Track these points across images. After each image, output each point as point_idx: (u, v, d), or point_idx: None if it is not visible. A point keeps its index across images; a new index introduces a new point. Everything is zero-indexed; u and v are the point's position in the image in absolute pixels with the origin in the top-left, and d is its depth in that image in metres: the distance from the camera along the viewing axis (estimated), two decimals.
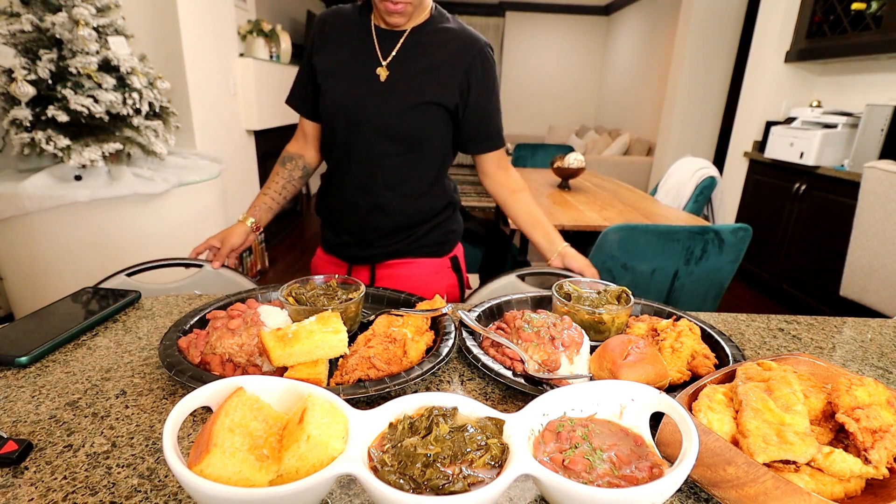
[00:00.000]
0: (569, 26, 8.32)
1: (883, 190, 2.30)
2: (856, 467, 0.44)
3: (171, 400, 0.59)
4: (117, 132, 1.97)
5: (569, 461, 0.43)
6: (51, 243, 1.91)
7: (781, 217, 3.17)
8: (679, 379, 0.64)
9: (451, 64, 1.02)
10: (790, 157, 3.04)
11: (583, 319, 0.74)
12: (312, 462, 0.39)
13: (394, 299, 0.83)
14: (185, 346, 0.65)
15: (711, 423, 0.49)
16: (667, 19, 5.78)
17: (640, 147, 5.91)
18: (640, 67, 6.74)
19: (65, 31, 1.83)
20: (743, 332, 0.82)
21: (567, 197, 2.57)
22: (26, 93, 1.76)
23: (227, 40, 3.04)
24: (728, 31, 4.63)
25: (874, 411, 0.47)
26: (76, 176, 1.94)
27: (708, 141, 4.95)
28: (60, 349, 0.69)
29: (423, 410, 0.46)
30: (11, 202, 1.80)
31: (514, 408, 0.60)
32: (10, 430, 0.53)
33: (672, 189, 2.67)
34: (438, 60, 1.02)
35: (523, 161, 4.03)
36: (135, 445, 0.51)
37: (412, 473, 0.40)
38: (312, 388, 0.46)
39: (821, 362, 0.59)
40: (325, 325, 0.62)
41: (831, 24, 3.00)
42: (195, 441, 0.43)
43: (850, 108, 3.01)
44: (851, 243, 2.48)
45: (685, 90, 4.76)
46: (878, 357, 0.76)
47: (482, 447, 0.42)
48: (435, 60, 1.02)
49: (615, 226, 1.51)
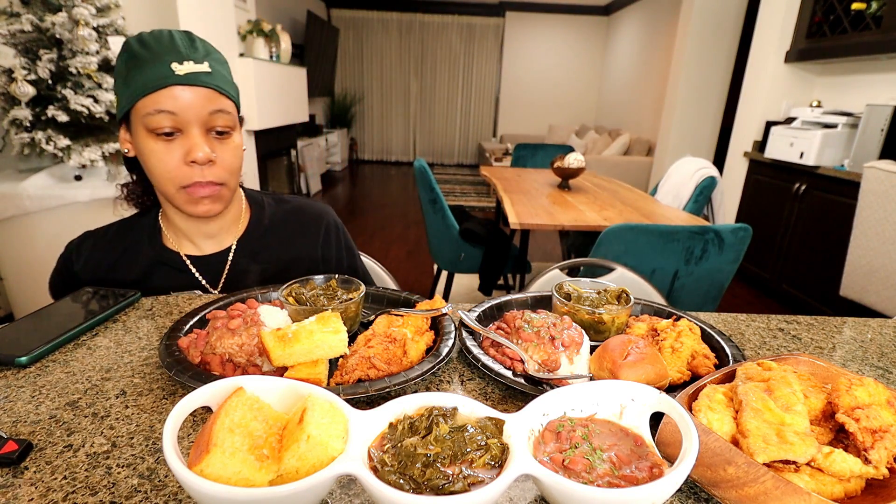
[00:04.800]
0: (569, 26, 8.32)
1: (883, 190, 2.30)
2: (856, 467, 0.44)
3: (171, 400, 0.59)
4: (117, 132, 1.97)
5: (569, 461, 0.43)
6: (51, 243, 1.91)
7: (781, 217, 3.17)
8: (679, 379, 0.64)
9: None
10: (790, 157, 3.04)
11: (583, 319, 0.74)
12: (312, 462, 0.39)
13: (394, 299, 0.83)
14: (185, 346, 0.65)
15: (711, 423, 0.49)
16: (667, 19, 5.78)
17: (640, 147, 5.91)
18: (640, 67, 6.74)
19: (65, 31, 1.83)
20: (743, 332, 0.82)
21: (567, 197, 2.57)
22: (26, 93, 1.76)
23: (227, 40, 3.04)
24: (728, 31, 4.63)
25: (874, 411, 0.47)
26: (76, 176, 1.94)
27: (708, 141, 4.95)
28: (60, 349, 0.69)
29: (423, 410, 0.46)
30: (11, 202, 1.80)
31: (514, 408, 0.60)
32: (10, 430, 0.53)
33: (672, 189, 2.67)
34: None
35: (523, 161, 4.03)
36: (135, 445, 0.51)
37: (412, 473, 0.40)
38: (312, 388, 0.46)
39: (821, 362, 0.59)
40: (325, 325, 0.62)
41: (831, 24, 3.00)
42: (195, 441, 0.43)
43: (850, 108, 3.01)
44: (851, 243, 2.48)
45: (685, 90, 4.76)
46: (878, 357, 0.76)
47: (482, 447, 0.42)
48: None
49: (615, 226, 1.51)
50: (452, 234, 2.60)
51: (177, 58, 0.75)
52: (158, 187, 0.83)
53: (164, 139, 0.77)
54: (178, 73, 0.75)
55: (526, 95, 8.82)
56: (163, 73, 0.74)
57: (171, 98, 0.75)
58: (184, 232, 0.91)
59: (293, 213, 0.99)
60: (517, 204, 2.33)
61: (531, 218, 2.09)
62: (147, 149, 0.78)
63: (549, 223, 2.05)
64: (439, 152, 9.28)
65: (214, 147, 0.80)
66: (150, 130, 0.76)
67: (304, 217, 0.99)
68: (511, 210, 2.20)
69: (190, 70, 0.76)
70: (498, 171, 3.36)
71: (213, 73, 0.79)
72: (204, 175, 0.80)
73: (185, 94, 0.75)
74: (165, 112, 0.75)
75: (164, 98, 0.75)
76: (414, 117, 9.07)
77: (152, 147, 0.77)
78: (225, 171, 0.82)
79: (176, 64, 0.75)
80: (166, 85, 0.74)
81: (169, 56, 0.75)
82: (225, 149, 0.82)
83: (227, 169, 0.83)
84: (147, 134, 0.77)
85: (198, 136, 0.78)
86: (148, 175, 0.83)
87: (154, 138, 0.77)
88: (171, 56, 0.75)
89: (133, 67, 0.75)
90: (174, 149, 0.78)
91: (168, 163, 0.78)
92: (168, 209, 0.90)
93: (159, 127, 0.76)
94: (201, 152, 0.77)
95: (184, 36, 0.79)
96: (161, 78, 0.74)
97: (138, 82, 0.75)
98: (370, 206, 5.88)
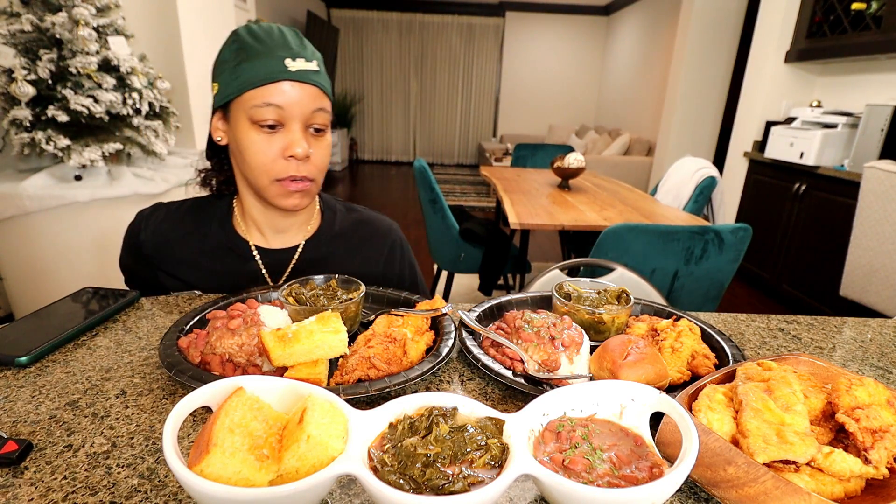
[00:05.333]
0: (569, 26, 8.32)
1: (883, 190, 2.30)
2: (856, 467, 0.44)
3: (171, 400, 0.59)
4: (117, 132, 1.97)
5: (569, 461, 0.43)
6: (51, 243, 1.91)
7: (781, 217, 3.17)
8: (679, 379, 0.64)
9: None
10: (790, 157, 3.04)
11: (583, 319, 0.74)
12: (312, 462, 0.39)
13: (394, 299, 0.83)
14: (185, 346, 0.65)
15: (711, 423, 0.49)
16: (667, 19, 5.78)
17: (640, 147, 5.91)
18: (640, 67, 6.74)
19: (65, 31, 1.83)
20: (743, 332, 0.82)
21: (567, 197, 2.57)
22: (26, 93, 1.76)
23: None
24: (728, 31, 4.63)
25: (874, 411, 0.47)
26: (76, 176, 1.94)
27: (708, 141, 4.95)
28: (60, 349, 0.69)
29: (423, 410, 0.46)
30: (11, 202, 1.80)
31: (514, 408, 0.60)
32: (10, 430, 0.53)
33: (672, 189, 2.67)
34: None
35: (523, 161, 4.03)
36: (135, 445, 0.51)
37: (412, 473, 0.40)
38: (312, 388, 0.46)
39: (821, 362, 0.59)
40: (325, 325, 0.62)
41: (831, 24, 3.00)
42: (195, 441, 0.43)
43: (850, 108, 3.01)
44: (851, 243, 2.48)
45: (685, 90, 4.76)
46: (878, 357, 0.76)
47: (482, 447, 0.42)
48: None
49: (615, 226, 1.51)
50: (452, 234, 2.60)
51: (289, 54, 0.77)
52: (250, 177, 0.84)
53: (267, 131, 0.79)
54: (291, 69, 0.77)
55: (526, 95, 8.82)
56: (276, 68, 0.76)
57: (280, 93, 0.76)
58: (256, 222, 0.92)
59: (361, 224, 1.00)
60: (517, 204, 2.33)
61: (531, 218, 2.09)
62: (247, 139, 0.79)
63: (549, 223, 2.05)
64: (439, 152, 9.28)
65: (311, 143, 0.82)
66: (254, 121, 0.78)
67: (371, 229, 1.00)
68: (511, 210, 2.20)
69: (301, 67, 0.78)
70: (498, 171, 3.36)
71: (320, 72, 0.81)
72: (299, 170, 0.81)
73: (295, 90, 0.77)
74: (273, 105, 0.77)
75: (273, 92, 0.76)
76: (414, 117, 9.07)
77: (253, 138, 0.79)
78: (316, 168, 0.84)
79: (289, 60, 0.77)
80: (278, 79, 0.76)
81: (282, 52, 0.77)
82: (319, 146, 0.83)
83: (318, 166, 0.84)
84: (250, 125, 0.78)
85: (298, 132, 0.79)
86: (240, 164, 0.84)
87: (257, 129, 0.78)
88: (284, 52, 0.77)
89: (244, 59, 0.77)
90: (274, 142, 0.79)
91: (267, 154, 0.79)
92: (247, 198, 0.90)
93: (264, 119, 0.77)
94: (300, 148, 0.79)
95: (293, 33, 0.81)
96: (274, 72, 0.76)
97: (249, 74, 0.76)
98: (370, 206, 5.84)
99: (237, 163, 0.86)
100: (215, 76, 0.82)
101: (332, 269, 0.92)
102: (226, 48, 0.80)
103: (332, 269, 0.92)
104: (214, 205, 0.95)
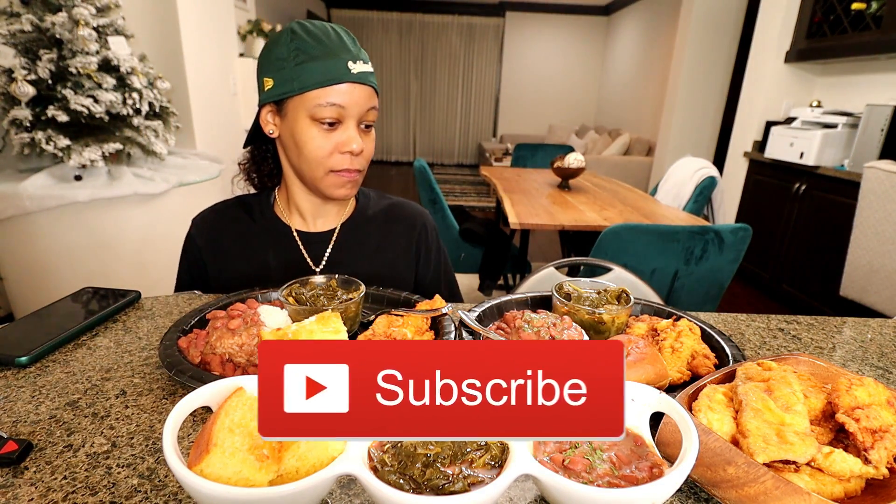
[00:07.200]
0: (569, 26, 8.32)
1: (883, 190, 2.30)
2: (856, 467, 0.44)
3: (171, 400, 0.59)
4: (117, 132, 1.97)
5: (569, 461, 0.43)
6: (51, 243, 1.91)
7: (781, 217, 3.17)
8: (679, 379, 0.64)
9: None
10: (790, 157, 3.04)
11: (583, 319, 0.74)
12: (312, 462, 0.39)
13: (394, 299, 0.83)
14: (185, 346, 0.65)
15: (711, 423, 0.49)
16: (667, 19, 5.78)
17: (640, 147, 5.91)
18: (640, 67, 6.74)
19: (65, 31, 1.83)
20: (743, 332, 0.82)
21: (567, 197, 2.57)
22: (26, 93, 1.76)
23: (227, 40, 3.04)
24: (728, 31, 4.63)
25: (874, 411, 0.47)
26: (76, 176, 1.94)
27: (708, 141, 4.95)
28: (60, 349, 0.69)
29: None
30: (11, 202, 1.80)
31: None
32: (10, 430, 0.53)
33: (672, 189, 2.67)
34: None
35: (523, 161, 4.03)
36: (135, 445, 0.51)
37: (412, 473, 0.40)
38: None
39: (821, 362, 0.59)
40: (325, 325, 0.61)
41: (831, 24, 3.00)
42: (195, 441, 0.43)
43: (850, 108, 3.01)
44: (851, 243, 2.48)
45: (685, 90, 4.76)
46: (878, 357, 0.76)
47: (482, 447, 0.42)
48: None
49: (615, 226, 1.51)
50: (452, 234, 2.60)
51: (351, 57, 0.82)
52: (305, 168, 0.88)
53: (326, 128, 0.84)
54: (354, 71, 0.82)
55: (526, 95, 8.82)
56: (341, 70, 0.81)
57: (342, 93, 0.82)
58: (300, 209, 0.97)
59: (393, 208, 1.06)
60: (517, 204, 2.33)
61: (531, 218, 2.09)
62: (307, 134, 0.84)
63: (549, 223, 2.05)
64: (439, 152, 9.28)
65: (362, 138, 0.88)
66: (315, 119, 0.83)
67: (403, 213, 1.06)
68: (511, 210, 2.20)
69: (361, 70, 0.83)
70: (498, 171, 3.37)
71: (374, 73, 0.87)
72: (352, 163, 0.87)
73: (356, 91, 0.83)
74: (336, 105, 0.82)
75: (337, 93, 0.81)
76: (414, 117, 9.07)
77: (313, 133, 0.84)
78: (365, 160, 0.91)
79: (351, 63, 0.82)
80: (343, 81, 0.81)
81: (345, 54, 0.82)
82: (368, 140, 0.90)
83: (366, 158, 0.91)
84: (311, 121, 0.83)
85: (353, 129, 0.85)
86: (294, 156, 0.89)
87: (317, 126, 0.84)
88: (347, 55, 0.82)
89: (307, 59, 0.81)
90: (332, 137, 0.85)
91: (324, 148, 0.85)
92: (293, 186, 0.95)
93: (325, 117, 0.83)
94: (356, 144, 0.85)
95: (347, 34, 0.86)
96: (340, 74, 0.81)
97: (314, 74, 0.80)
98: None
99: (290, 154, 0.90)
100: (268, 71, 0.85)
101: (367, 250, 0.99)
102: (282, 46, 0.83)
103: (366, 250, 0.99)
104: (257, 197, 1.02)
